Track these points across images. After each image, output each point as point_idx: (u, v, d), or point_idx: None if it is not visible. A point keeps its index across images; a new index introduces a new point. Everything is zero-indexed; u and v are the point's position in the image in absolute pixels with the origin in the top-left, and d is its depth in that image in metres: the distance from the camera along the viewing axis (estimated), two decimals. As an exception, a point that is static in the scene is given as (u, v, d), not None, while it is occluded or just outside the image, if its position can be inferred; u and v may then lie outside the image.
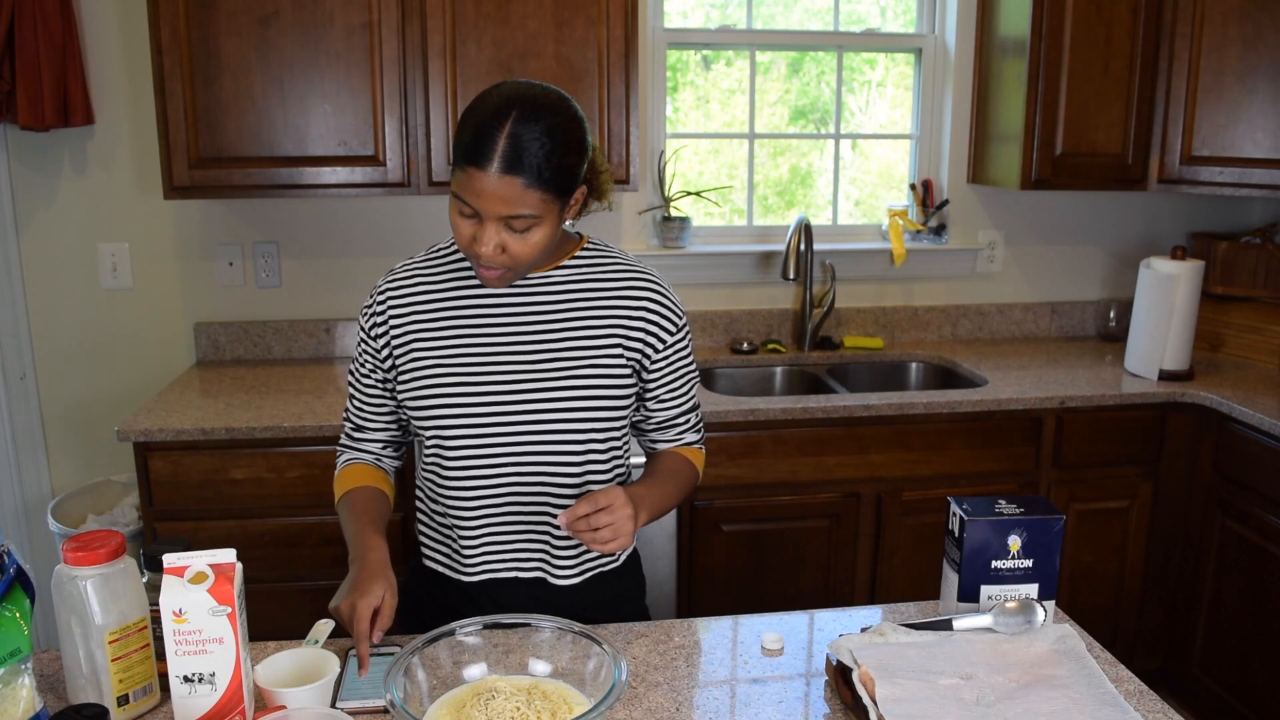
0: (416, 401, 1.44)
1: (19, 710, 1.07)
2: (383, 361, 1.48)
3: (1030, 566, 1.35)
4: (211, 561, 1.13)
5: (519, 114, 1.25)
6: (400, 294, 1.47)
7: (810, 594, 2.60)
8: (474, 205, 1.27)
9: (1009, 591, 1.36)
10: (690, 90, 3.14)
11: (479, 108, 1.28)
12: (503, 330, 1.43)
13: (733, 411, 2.45)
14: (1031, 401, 2.58)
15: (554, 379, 1.42)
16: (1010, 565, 1.35)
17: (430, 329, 1.45)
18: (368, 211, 2.89)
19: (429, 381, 1.43)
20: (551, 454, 1.42)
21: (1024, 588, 1.36)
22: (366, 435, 1.56)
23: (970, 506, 1.37)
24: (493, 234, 1.29)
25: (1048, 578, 1.36)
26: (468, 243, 1.32)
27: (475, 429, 1.42)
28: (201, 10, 2.36)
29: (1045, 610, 1.33)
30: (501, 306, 1.44)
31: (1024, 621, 1.33)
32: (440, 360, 1.43)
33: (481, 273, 1.35)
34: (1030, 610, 1.34)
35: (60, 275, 2.79)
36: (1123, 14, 2.77)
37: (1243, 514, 2.55)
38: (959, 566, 1.36)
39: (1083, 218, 3.27)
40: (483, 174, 1.25)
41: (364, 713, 1.21)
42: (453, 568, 1.51)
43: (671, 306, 1.46)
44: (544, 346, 1.43)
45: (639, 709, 1.23)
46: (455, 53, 2.46)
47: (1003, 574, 1.35)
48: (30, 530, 2.84)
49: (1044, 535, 1.35)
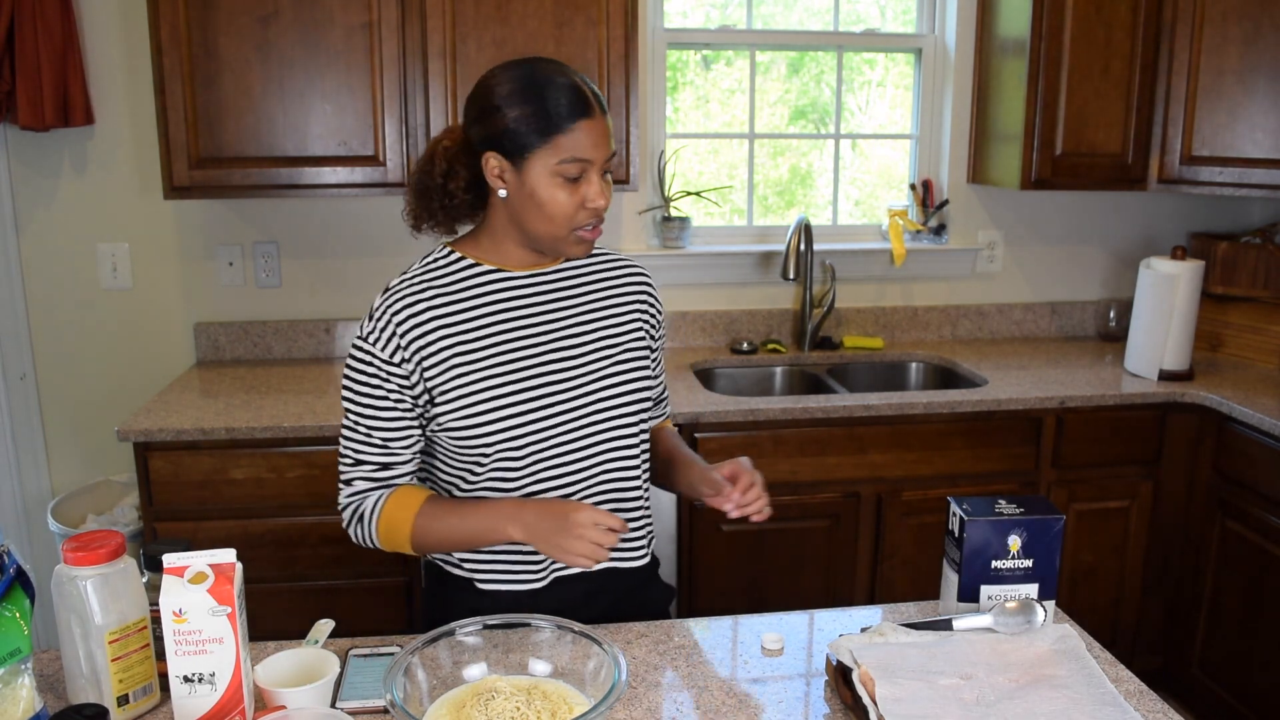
0: (471, 420, 1.37)
1: (19, 710, 1.07)
2: (412, 388, 1.37)
3: (1030, 566, 1.35)
4: (211, 561, 1.13)
5: (563, 67, 1.35)
6: (420, 314, 1.37)
7: (810, 594, 2.60)
8: (592, 156, 1.32)
9: (1009, 592, 1.36)
10: (690, 90, 3.14)
11: (534, 79, 1.31)
12: (540, 327, 1.42)
13: (733, 411, 2.45)
14: (1031, 401, 2.58)
15: (604, 366, 1.44)
16: (1010, 565, 1.35)
17: (465, 342, 1.38)
18: (368, 211, 2.89)
19: (483, 396, 1.37)
20: (617, 439, 1.44)
21: (1024, 588, 1.36)
22: (396, 472, 1.42)
23: (970, 506, 1.37)
24: (600, 182, 1.34)
25: (1048, 578, 1.36)
26: (574, 210, 1.34)
27: (543, 433, 1.39)
28: (201, 10, 2.36)
29: (1045, 610, 1.33)
30: (529, 304, 1.43)
31: (1024, 621, 1.33)
32: (490, 373, 1.38)
33: (587, 236, 1.37)
34: (1030, 610, 1.34)
35: (60, 275, 2.79)
36: (1123, 14, 2.77)
37: (1243, 514, 2.55)
38: (959, 566, 1.36)
39: (1083, 218, 3.27)
40: (591, 121, 1.31)
41: (364, 713, 1.21)
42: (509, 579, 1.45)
43: (658, 292, 1.58)
44: (584, 336, 1.44)
45: (639, 709, 1.23)
46: (455, 53, 2.46)
47: (1003, 574, 1.35)
48: (30, 530, 2.85)
49: (1044, 535, 1.35)
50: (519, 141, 1.31)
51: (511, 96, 1.31)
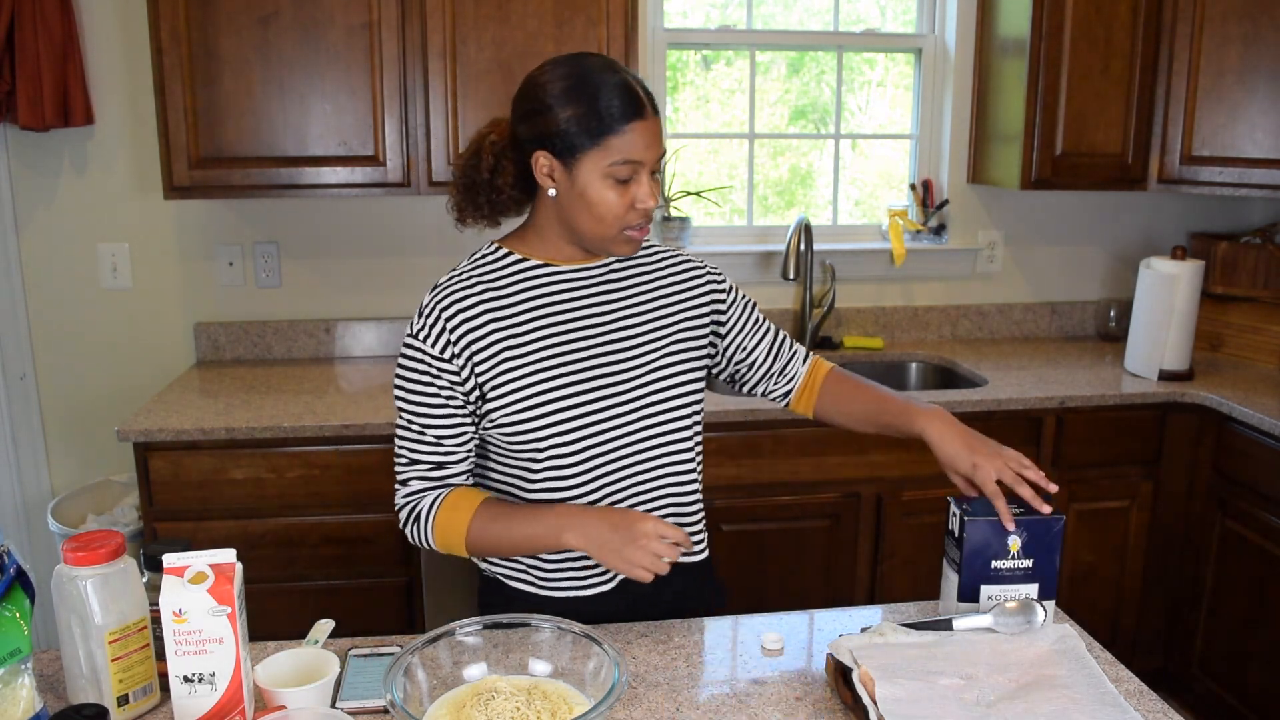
0: (522, 416, 1.36)
1: (19, 710, 1.07)
2: (463, 384, 1.36)
3: (1030, 567, 1.35)
4: (211, 561, 1.13)
5: (614, 64, 1.33)
6: (470, 309, 1.36)
7: (810, 594, 2.60)
8: (644, 158, 1.31)
9: (1009, 592, 1.36)
10: (690, 90, 3.14)
11: (586, 78, 1.30)
12: (591, 322, 1.41)
13: (733, 411, 2.45)
14: (1031, 401, 2.58)
15: (657, 360, 1.43)
16: (1010, 565, 1.35)
17: (516, 337, 1.37)
18: (368, 211, 2.89)
19: (534, 392, 1.36)
20: (670, 435, 1.44)
21: (1024, 588, 1.36)
22: (450, 470, 1.39)
23: (970, 506, 1.37)
24: (650, 184, 1.33)
25: (1048, 578, 1.36)
26: (624, 211, 1.33)
27: (596, 430, 1.38)
28: (201, 10, 2.36)
29: (1045, 610, 1.33)
30: (580, 299, 1.42)
31: (1024, 621, 1.33)
32: (538, 369, 1.37)
33: (635, 236, 1.36)
34: (1030, 610, 1.34)
35: (60, 275, 2.79)
36: (1123, 14, 2.77)
37: (1243, 514, 2.55)
38: (959, 566, 1.35)
39: (1083, 218, 3.27)
40: (644, 122, 1.30)
41: (364, 713, 1.21)
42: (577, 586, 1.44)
43: (709, 266, 1.54)
44: (636, 330, 1.43)
45: (639, 709, 1.23)
46: (455, 53, 2.46)
47: (1003, 574, 1.35)
48: (30, 530, 2.85)
49: (1044, 535, 1.35)
50: (570, 142, 1.30)
51: (563, 96, 1.30)
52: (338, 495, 2.36)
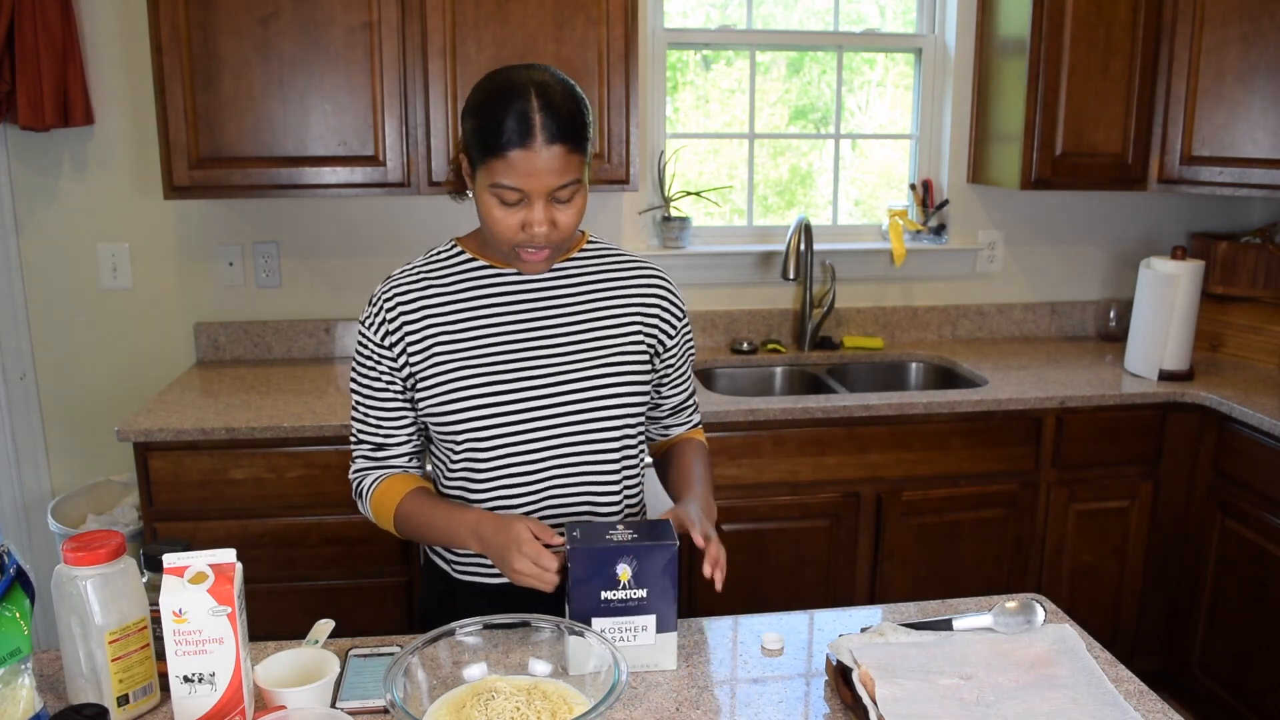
0: (445, 408, 1.41)
1: (19, 710, 1.07)
2: (399, 370, 1.43)
3: (644, 597, 1.27)
4: (211, 561, 1.13)
5: (538, 87, 1.29)
6: (410, 298, 1.43)
7: (810, 594, 2.60)
8: (524, 187, 1.29)
9: (623, 624, 1.27)
10: (690, 90, 3.14)
11: (495, 94, 1.29)
12: (527, 326, 1.43)
13: (733, 411, 2.45)
14: (1031, 401, 2.58)
15: (587, 370, 1.43)
16: (622, 596, 1.26)
17: (449, 332, 1.42)
18: (368, 211, 2.89)
19: (457, 385, 1.40)
20: (592, 445, 1.43)
21: (638, 619, 1.28)
22: (390, 452, 1.48)
23: (580, 532, 1.28)
24: (544, 211, 1.31)
25: (664, 608, 1.28)
26: (514, 231, 1.33)
27: (513, 430, 1.40)
28: (201, 10, 2.36)
29: (663, 642, 1.28)
30: (521, 302, 1.44)
31: (1024, 621, 1.33)
32: (466, 363, 1.41)
33: (529, 258, 1.36)
34: (1030, 610, 1.34)
35: (60, 275, 2.79)
36: (1123, 14, 2.77)
37: (1243, 514, 2.55)
38: (568, 597, 1.27)
39: (1083, 218, 3.27)
40: (529, 152, 1.27)
41: (364, 713, 1.21)
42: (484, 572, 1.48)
43: (677, 297, 1.54)
44: (571, 339, 1.44)
45: (639, 709, 1.23)
46: (455, 53, 2.46)
47: (613, 606, 1.26)
48: (30, 530, 2.85)
49: (655, 564, 1.26)
50: (470, 154, 1.34)
51: (472, 108, 1.32)
52: (338, 495, 2.36)
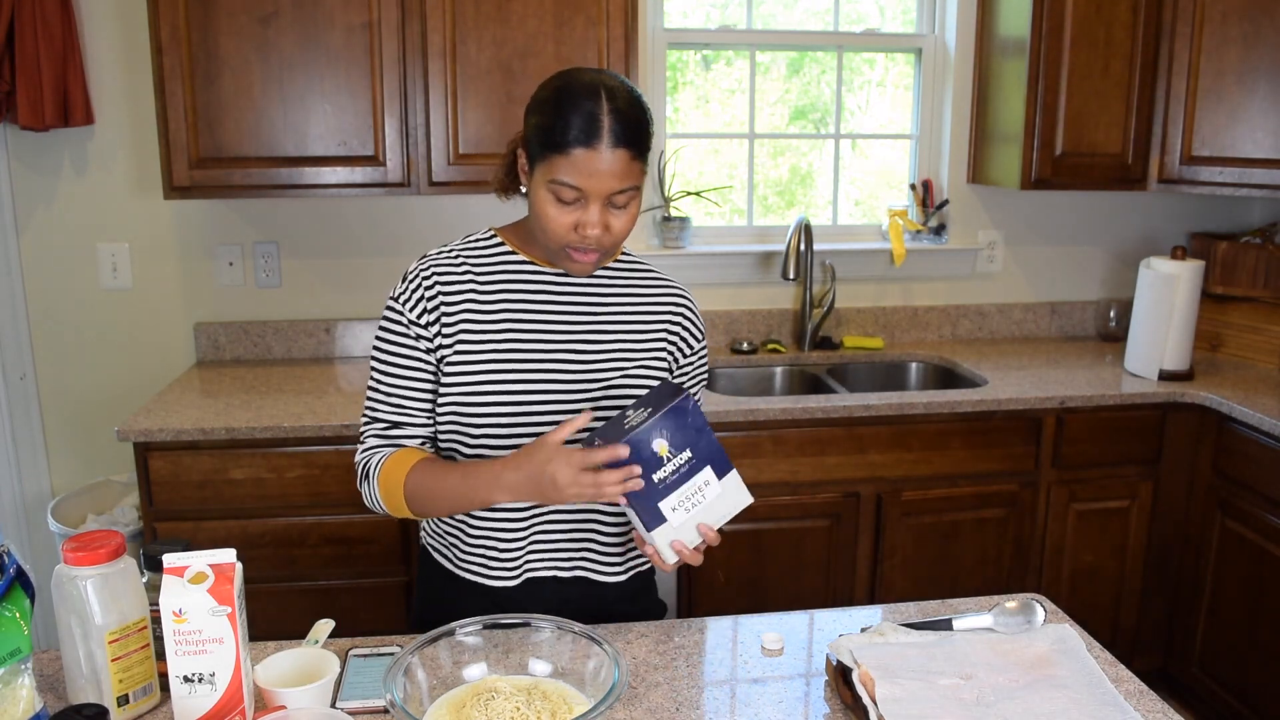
0: (465, 399, 1.39)
1: (19, 710, 1.07)
2: (434, 351, 1.41)
3: (691, 457, 1.27)
4: (211, 561, 1.13)
5: (608, 91, 1.30)
6: (449, 279, 1.41)
7: (810, 594, 2.60)
8: (584, 186, 1.29)
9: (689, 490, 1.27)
10: (690, 90, 3.14)
11: (565, 92, 1.30)
12: (557, 326, 1.43)
13: (733, 411, 2.45)
14: (1031, 401, 2.58)
15: (609, 379, 1.43)
16: (673, 469, 1.26)
17: (481, 320, 1.41)
18: (368, 211, 2.89)
19: (478, 378, 1.39)
20: None
21: (698, 479, 1.27)
22: (404, 431, 1.43)
23: (602, 438, 1.26)
24: (599, 214, 1.32)
25: (714, 453, 1.28)
26: (566, 230, 1.33)
27: (530, 429, 1.39)
28: (201, 10, 2.36)
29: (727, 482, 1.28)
30: (555, 302, 1.43)
31: (1024, 621, 1.33)
32: (491, 356, 1.40)
33: (578, 259, 1.36)
34: (1030, 610, 1.34)
35: (60, 275, 2.79)
36: (1123, 14, 2.77)
37: (1243, 514, 2.55)
38: (628, 500, 1.26)
39: (1083, 218, 3.27)
40: (593, 152, 1.28)
41: (364, 713, 1.21)
42: (485, 574, 1.46)
43: (699, 317, 1.54)
44: (598, 346, 1.43)
45: (639, 709, 1.23)
46: (455, 53, 2.46)
47: (670, 481, 1.26)
48: (30, 530, 2.85)
49: (682, 422, 1.26)
50: (531, 148, 1.34)
51: (539, 104, 1.33)
52: (338, 495, 2.36)
